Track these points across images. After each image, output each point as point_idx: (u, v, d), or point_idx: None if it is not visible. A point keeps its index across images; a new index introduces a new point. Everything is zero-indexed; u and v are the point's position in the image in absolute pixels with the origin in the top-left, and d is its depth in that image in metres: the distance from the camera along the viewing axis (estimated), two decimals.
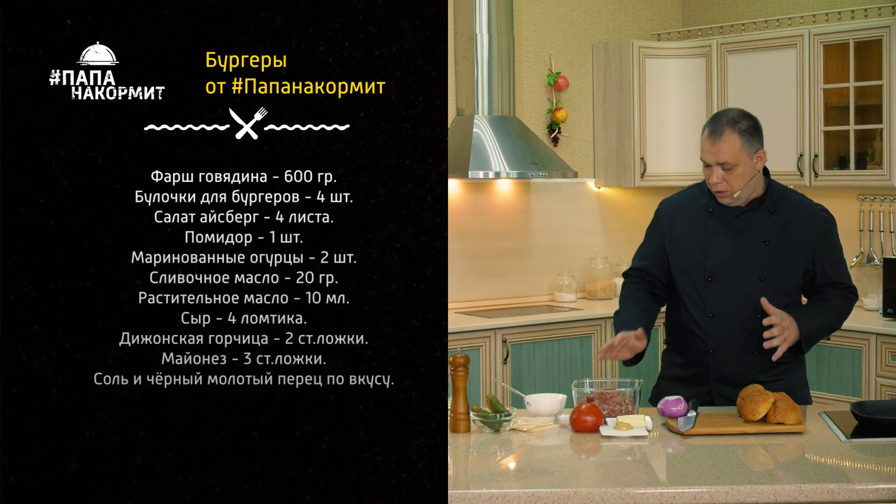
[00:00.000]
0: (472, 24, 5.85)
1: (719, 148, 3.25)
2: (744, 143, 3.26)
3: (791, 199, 3.42)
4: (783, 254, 3.35)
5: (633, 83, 6.48)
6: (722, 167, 3.26)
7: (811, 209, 3.43)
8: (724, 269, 3.35)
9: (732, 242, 3.35)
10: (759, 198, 3.37)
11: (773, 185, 3.40)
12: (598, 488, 2.55)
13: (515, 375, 5.78)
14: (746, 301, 3.33)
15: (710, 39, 6.46)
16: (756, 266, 3.34)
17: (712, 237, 3.37)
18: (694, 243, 3.39)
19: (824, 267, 3.39)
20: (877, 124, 5.73)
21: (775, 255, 3.34)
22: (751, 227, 3.36)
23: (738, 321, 3.33)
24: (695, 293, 3.38)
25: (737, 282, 3.34)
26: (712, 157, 3.27)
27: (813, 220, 3.40)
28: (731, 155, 3.25)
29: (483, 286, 6.33)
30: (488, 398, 3.20)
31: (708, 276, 3.36)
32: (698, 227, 3.40)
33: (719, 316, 3.35)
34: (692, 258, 3.39)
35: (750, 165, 3.29)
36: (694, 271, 3.38)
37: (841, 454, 2.84)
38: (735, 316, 3.33)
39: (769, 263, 3.34)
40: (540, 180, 6.42)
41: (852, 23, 5.85)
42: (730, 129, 3.26)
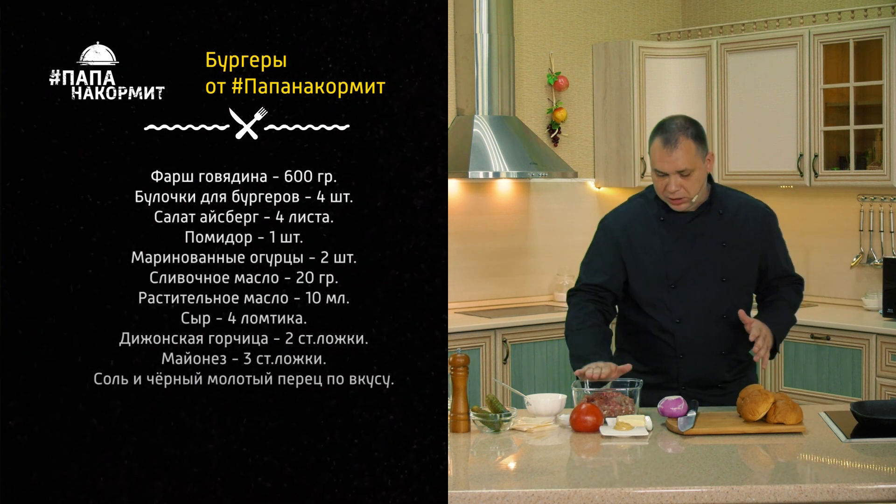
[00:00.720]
0: (472, 24, 5.85)
1: (677, 156, 3.29)
2: (697, 147, 3.31)
3: (735, 199, 3.48)
4: (739, 253, 3.41)
5: (633, 83, 6.48)
6: (680, 174, 3.30)
7: (755, 206, 3.50)
8: (686, 274, 3.39)
9: (690, 248, 3.39)
10: (707, 201, 3.41)
11: (716, 187, 3.45)
12: (598, 488, 2.55)
13: (515, 375, 5.78)
14: (712, 304, 3.38)
15: (710, 39, 6.46)
16: (717, 268, 3.39)
17: (669, 245, 3.40)
18: (652, 253, 3.41)
19: (776, 260, 3.49)
20: (877, 124, 5.73)
21: (733, 255, 3.40)
22: (705, 230, 3.40)
23: (706, 324, 3.38)
24: (659, 301, 3.40)
25: (700, 286, 3.38)
26: (670, 166, 3.30)
27: (759, 217, 3.47)
28: (688, 161, 3.29)
29: (483, 286, 6.33)
30: (488, 398, 3.20)
31: (671, 284, 3.39)
32: (654, 236, 3.42)
33: (686, 321, 3.38)
34: (653, 267, 3.41)
35: (704, 169, 3.35)
36: (656, 280, 3.41)
37: (841, 454, 2.83)
38: (702, 319, 3.38)
39: (729, 264, 3.40)
40: (540, 180, 6.42)
41: (852, 23, 5.85)
42: (683, 136, 3.30)
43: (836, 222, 6.21)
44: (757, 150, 6.24)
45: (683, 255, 3.39)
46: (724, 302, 3.38)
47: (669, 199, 3.35)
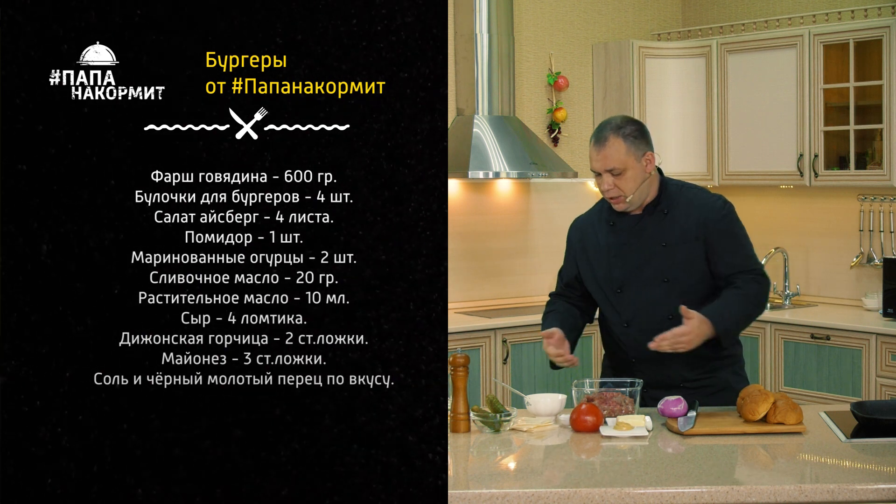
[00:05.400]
0: (472, 24, 5.85)
1: (606, 154, 3.30)
2: (629, 146, 3.30)
3: (686, 195, 3.41)
4: (682, 252, 3.35)
5: (633, 83, 6.48)
6: (611, 173, 3.31)
7: (706, 201, 3.40)
8: (631, 277, 3.39)
9: (635, 250, 3.39)
10: (652, 201, 3.40)
11: (668, 186, 3.41)
12: (598, 488, 2.55)
13: (515, 375, 5.78)
14: (656, 305, 3.35)
15: (710, 39, 6.46)
16: (658, 269, 3.36)
17: (615, 248, 3.41)
18: (601, 257, 3.44)
19: (724, 256, 3.35)
20: (877, 124, 5.73)
21: (674, 255, 3.35)
22: (648, 231, 3.38)
23: (652, 326, 3.30)
24: (609, 306, 3.43)
25: (644, 288, 3.37)
26: (600, 165, 3.32)
27: (704, 213, 3.36)
28: (617, 160, 3.30)
29: (483, 286, 6.33)
30: (488, 398, 3.20)
31: (617, 288, 3.40)
32: (602, 240, 3.45)
33: (634, 324, 3.38)
34: (601, 272, 3.44)
35: (639, 169, 3.32)
36: (605, 284, 3.43)
37: (841, 454, 2.83)
38: (648, 322, 3.34)
39: (670, 265, 3.35)
40: (540, 180, 6.42)
41: (852, 23, 5.85)
42: (613, 136, 3.30)
43: (836, 222, 6.21)
44: (757, 150, 6.23)
45: (627, 258, 3.39)
46: (668, 303, 3.32)
47: (607, 197, 3.38)
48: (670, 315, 3.31)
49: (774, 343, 5.82)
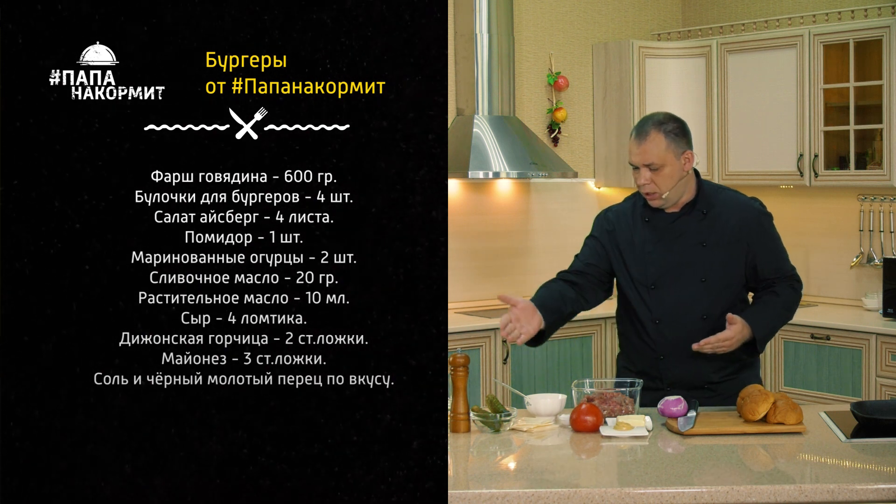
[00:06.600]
0: (472, 24, 5.85)
1: (645, 148, 3.30)
2: (669, 143, 3.31)
3: (723, 198, 3.44)
4: (721, 253, 3.37)
5: (633, 83, 6.48)
6: (649, 168, 3.31)
7: (744, 205, 3.44)
8: (666, 275, 3.38)
9: (671, 248, 3.39)
10: (691, 201, 3.40)
11: (704, 187, 3.43)
12: (598, 488, 2.55)
13: (515, 375, 5.77)
14: (690, 305, 3.36)
15: (710, 39, 6.46)
16: (696, 269, 3.37)
17: (650, 245, 3.41)
18: (635, 252, 3.43)
19: (764, 260, 3.41)
20: (877, 124, 5.73)
21: (713, 255, 3.37)
22: (686, 230, 3.39)
23: (685, 325, 3.34)
24: (640, 302, 3.42)
25: (679, 287, 3.37)
26: (639, 159, 3.32)
27: (745, 215, 3.41)
28: (656, 155, 3.30)
29: (483, 286, 6.33)
30: (488, 398, 3.20)
31: (651, 284, 3.39)
32: (637, 236, 3.43)
33: (666, 322, 3.38)
34: (634, 267, 3.42)
35: (677, 166, 3.33)
36: (638, 280, 3.42)
37: (841, 454, 2.84)
38: (681, 320, 3.36)
39: (708, 265, 3.36)
40: (540, 180, 6.42)
41: (852, 23, 5.85)
42: (655, 131, 3.31)
43: (836, 222, 6.21)
44: (757, 150, 6.24)
45: (663, 256, 3.39)
46: (704, 302, 3.35)
47: (643, 192, 3.37)
48: (704, 315, 3.34)
49: (774, 343, 5.82)
